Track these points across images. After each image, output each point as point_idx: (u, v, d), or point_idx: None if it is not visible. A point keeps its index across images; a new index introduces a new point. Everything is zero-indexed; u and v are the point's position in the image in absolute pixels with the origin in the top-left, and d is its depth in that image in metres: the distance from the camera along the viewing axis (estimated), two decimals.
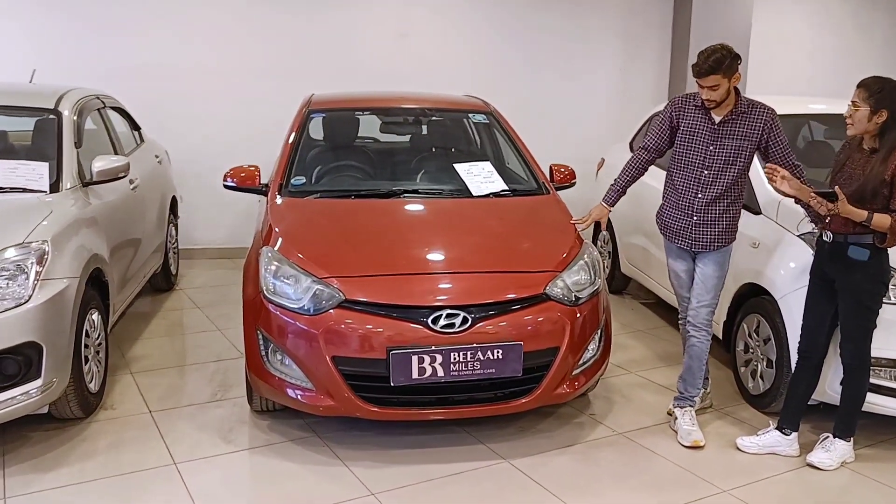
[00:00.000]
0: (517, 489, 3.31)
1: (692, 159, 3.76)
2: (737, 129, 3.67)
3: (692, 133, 3.75)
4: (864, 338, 3.37)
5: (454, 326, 3.36)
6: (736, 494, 3.28)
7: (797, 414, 3.58)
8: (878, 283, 3.34)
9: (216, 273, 6.95)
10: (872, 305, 3.36)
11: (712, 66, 3.50)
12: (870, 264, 3.28)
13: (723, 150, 3.69)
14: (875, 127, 3.23)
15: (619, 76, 8.21)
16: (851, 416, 3.48)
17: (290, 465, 3.47)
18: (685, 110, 3.78)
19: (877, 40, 8.77)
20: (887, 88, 3.21)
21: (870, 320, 3.36)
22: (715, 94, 3.56)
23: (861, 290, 3.34)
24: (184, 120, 6.99)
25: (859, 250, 3.28)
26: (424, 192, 4.32)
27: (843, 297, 3.38)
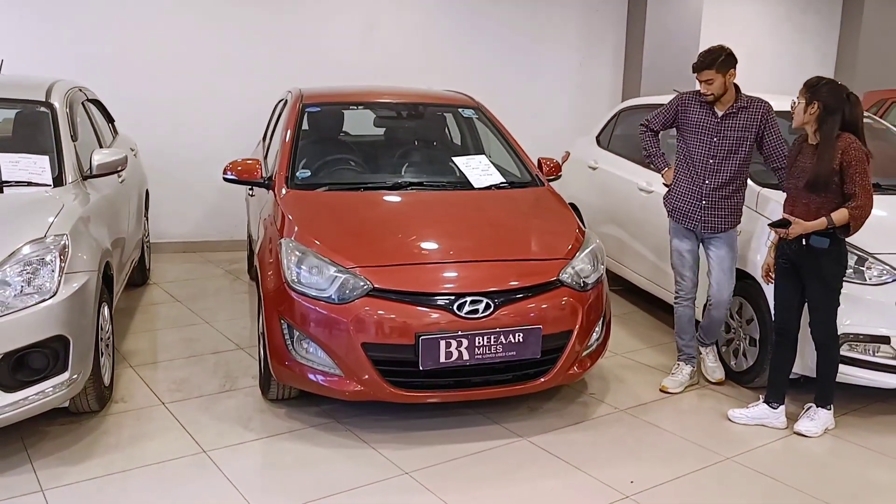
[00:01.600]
0: (540, 463, 3.51)
1: (699, 150, 4.15)
2: (737, 122, 4.06)
3: (697, 126, 4.13)
4: (831, 316, 3.71)
5: (478, 312, 3.53)
6: (738, 461, 3.57)
7: (781, 388, 3.90)
8: (839, 266, 3.69)
9: (186, 267, 6.91)
10: (836, 286, 3.71)
11: (707, 63, 3.97)
12: (830, 251, 3.63)
13: (725, 140, 4.09)
14: (811, 118, 3.60)
15: (577, 71, 8.52)
16: (828, 386, 3.81)
17: (320, 449, 3.58)
18: (691, 106, 4.18)
19: (810, 41, 9.36)
20: (821, 84, 3.61)
21: (835, 300, 3.71)
22: (711, 87, 4.01)
23: (825, 274, 3.68)
24: (149, 113, 6.92)
25: (820, 240, 3.62)
26: (429, 185, 4.48)
27: (809, 282, 3.72)
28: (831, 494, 3.31)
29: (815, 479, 3.44)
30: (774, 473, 3.47)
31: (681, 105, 4.24)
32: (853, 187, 3.52)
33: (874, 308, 3.83)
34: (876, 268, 3.88)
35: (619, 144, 6.32)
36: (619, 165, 6.07)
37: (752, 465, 3.54)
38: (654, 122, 4.41)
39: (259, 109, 7.08)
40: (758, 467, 3.52)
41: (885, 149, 5.23)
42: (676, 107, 4.26)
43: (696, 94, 4.19)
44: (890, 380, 3.89)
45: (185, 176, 7.28)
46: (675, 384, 4.35)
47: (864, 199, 3.52)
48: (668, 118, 4.32)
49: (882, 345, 3.86)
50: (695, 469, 3.48)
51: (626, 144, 6.21)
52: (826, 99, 3.56)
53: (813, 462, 3.62)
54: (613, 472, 3.43)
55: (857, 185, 3.52)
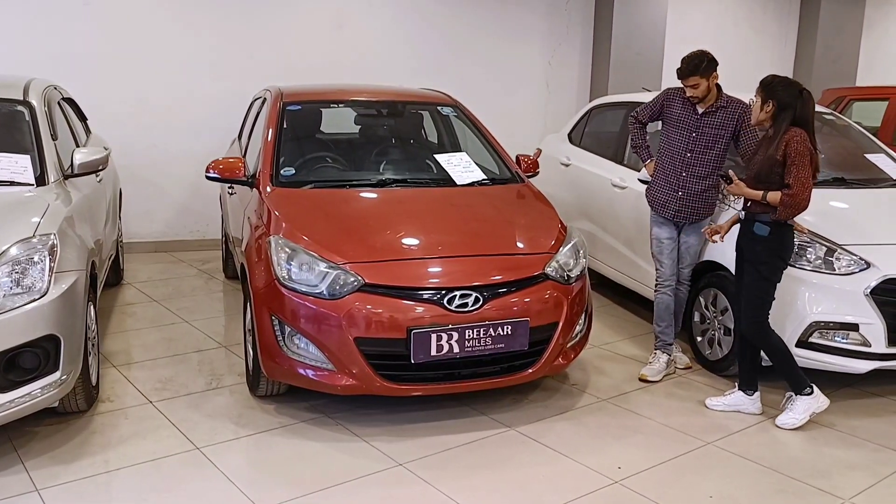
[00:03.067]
0: (530, 452, 3.61)
1: (678, 143, 4.35)
2: (715, 119, 4.26)
3: (678, 121, 4.34)
4: (760, 308, 3.82)
5: (467, 306, 3.61)
6: (718, 445, 3.72)
7: (752, 375, 4.04)
8: (777, 258, 3.80)
9: (158, 267, 6.87)
10: (770, 277, 3.82)
11: (691, 69, 4.16)
12: (770, 239, 3.76)
13: (703, 136, 4.29)
14: (766, 116, 3.76)
15: (546, 70, 8.65)
16: (790, 373, 3.89)
17: (314, 443, 3.63)
18: (674, 102, 4.38)
19: (769, 41, 9.63)
20: (775, 82, 3.76)
21: (767, 292, 3.82)
22: (696, 91, 4.21)
23: (760, 262, 3.80)
24: (117, 112, 6.85)
25: (761, 227, 3.77)
26: (412, 182, 4.54)
27: (746, 268, 3.86)
28: (806, 474, 3.46)
29: (791, 461, 3.59)
30: (752, 456, 3.62)
31: (666, 100, 4.44)
32: (789, 178, 3.64)
33: (843, 297, 4.00)
34: (844, 258, 4.05)
35: (590, 141, 6.46)
36: (591, 162, 6.21)
37: (731, 449, 3.68)
38: (641, 114, 4.61)
39: (229, 108, 7.08)
40: (737, 451, 3.67)
41: (847, 145, 5.46)
42: (662, 101, 4.47)
43: (681, 91, 4.37)
44: (859, 365, 4.07)
45: (154, 175, 7.23)
46: (654, 372, 4.50)
47: (798, 189, 3.61)
48: (654, 111, 4.54)
49: (851, 332, 4.04)
50: (678, 454, 3.61)
51: (598, 141, 6.36)
52: (780, 96, 3.70)
53: (788, 444, 3.78)
54: (601, 459, 3.54)
55: (793, 175, 3.63)
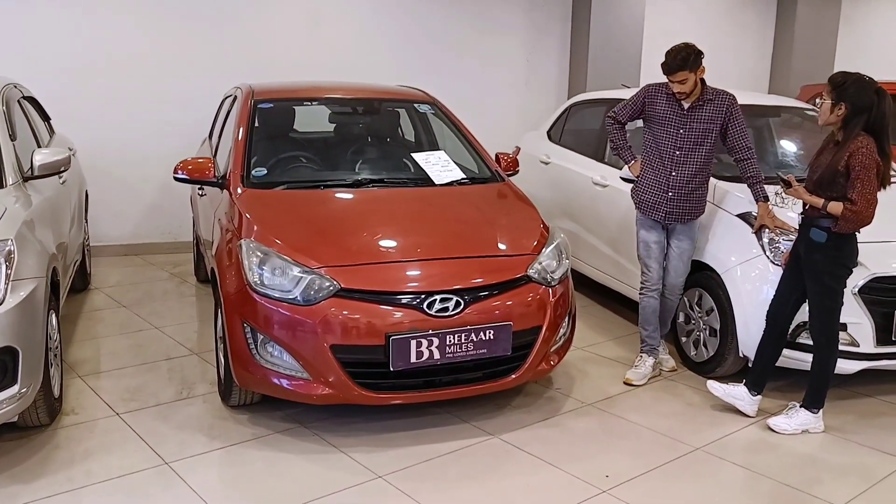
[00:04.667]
0: (514, 461, 3.48)
1: (665, 142, 4.19)
2: (703, 114, 4.11)
3: (664, 118, 4.17)
4: (830, 317, 3.66)
5: (448, 310, 3.47)
6: (707, 451, 3.61)
7: (763, 377, 3.93)
8: (839, 265, 3.60)
9: (128, 270, 6.67)
10: (834, 286, 3.64)
11: (679, 64, 3.96)
12: (828, 246, 3.57)
13: (691, 132, 4.13)
14: (837, 119, 3.53)
15: (524, 67, 8.54)
16: (819, 390, 3.78)
17: (288, 455, 3.48)
18: (657, 98, 4.21)
19: (748, 35, 9.59)
20: (848, 83, 3.50)
21: (832, 300, 3.64)
22: (684, 86, 4.02)
23: (821, 271, 3.63)
24: (84, 112, 6.62)
25: (818, 232, 3.58)
26: (389, 182, 4.40)
27: (807, 276, 3.68)
28: (798, 480, 3.37)
29: (782, 466, 3.50)
30: (743, 461, 3.52)
31: (648, 97, 4.26)
32: (852, 192, 3.46)
33: None
34: None
35: (571, 139, 6.35)
36: (572, 160, 6.10)
37: (721, 455, 3.58)
38: (620, 113, 4.41)
39: (199, 107, 6.89)
40: (727, 456, 3.57)
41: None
42: (643, 99, 4.28)
43: (662, 87, 4.21)
44: (846, 365, 3.98)
45: (122, 176, 7.01)
46: (639, 376, 4.39)
47: (862, 205, 3.44)
48: (635, 110, 4.34)
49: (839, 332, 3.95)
50: (667, 461, 3.51)
51: (578, 139, 6.25)
52: (853, 99, 3.45)
53: (778, 449, 3.68)
54: (588, 467, 3.42)
55: (857, 190, 3.44)
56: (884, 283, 3.94)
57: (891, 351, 3.99)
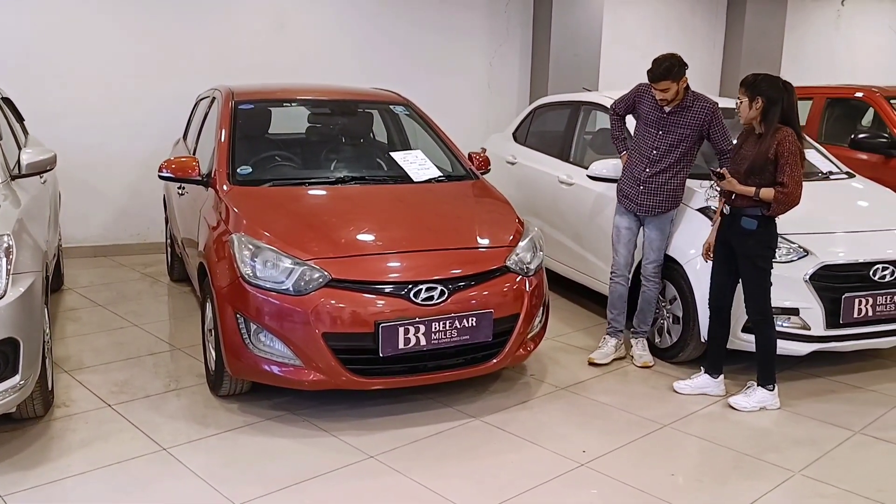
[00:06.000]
0: (497, 440, 3.70)
1: (645, 140, 4.50)
2: (681, 119, 4.41)
3: (646, 118, 4.51)
4: (763, 295, 4.03)
5: (433, 299, 3.67)
6: (675, 427, 3.88)
7: (718, 359, 4.24)
8: (767, 248, 4.00)
9: (99, 271, 6.71)
10: (766, 267, 4.02)
11: (663, 74, 4.28)
12: (759, 232, 3.95)
13: (669, 135, 4.43)
14: (757, 113, 3.91)
15: (487, 71, 8.77)
16: (767, 366, 4.10)
17: (282, 440, 3.63)
18: (645, 98, 4.53)
19: (699, 42, 9.99)
20: (759, 80, 3.92)
21: (764, 279, 4.02)
22: (666, 94, 4.34)
23: (754, 255, 3.99)
24: (52, 113, 6.63)
25: (749, 221, 3.94)
26: (370, 179, 4.58)
27: (741, 262, 4.03)
28: (758, 450, 3.65)
29: (743, 438, 3.77)
30: (708, 436, 3.79)
31: (637, 95, 4.59)
32: (782, 176, 3.81)
33: (784, 283, 4.21)
34: (784, 247, 4.27)
35: (535, 140, 6.60)
36: (537, 160, 6.34)
37: (688, 430, 3.85)
38: (618, 106, 4.77)
39: (168, 109, 6.98)
40: (693, 432, 3.84)
41: None
42: (634, 96, 4.62)
43: (651, 88, 4.45)
44: (799, 348, 4.30)
45: (91, 177, 7.04)
46: (601, 356, 4.69)
47: (793, 187, 3.80)
48: (628, 104, 4.69)
49: (792, 316, 4.26)
50: (638, 437, 3.76)
51: (543, 140, 6.50)
52: (767, 92, 3.85)
53: (739, 424, 3.96)
54: (565, 444, 3.65)
55: (786, 174, 3.80)
56: (832, 270, 4.26)
57: (839, 333, 4.31)
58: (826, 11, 11.23)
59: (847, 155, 6.43)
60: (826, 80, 9.48)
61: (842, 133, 7.20)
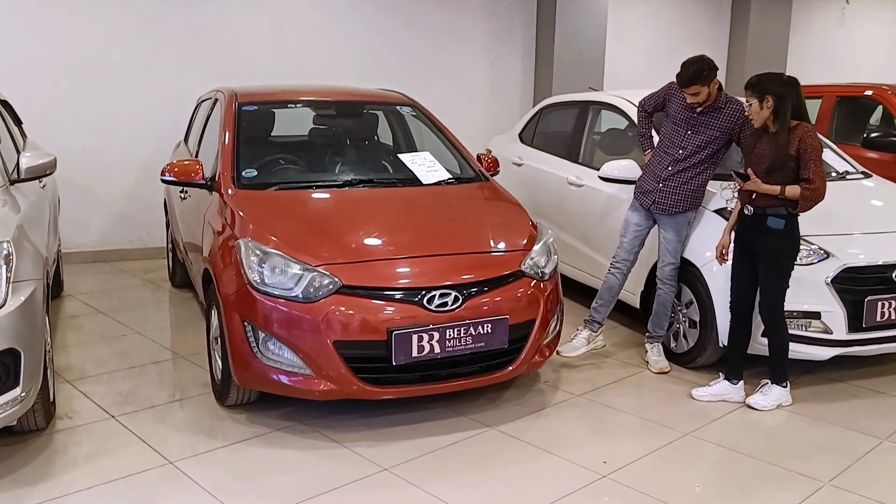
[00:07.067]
0: (513, 450, 3.58)
1: (672, 138, 4.41)
2: (712, 120, 4.30)
3: (676, 117, 4.40)
4: (780, 295, 3.95)
5: (447, 305, 3.56)
6: (697, 435, 3.77)
7: (738, 364, 4.14)
8: (792, 248, 3.93)
9: (100, 277, 6.59)
10: (788, 266, 3.95)
11: (691, 78, 4.17)
12: (785, 231, 3.87)
13: (698, 136, 4.33)
14: (769, 112, 3.84)
15: (490, 71, 8.67)
16: (780, 364, 4.05)
17: (293, 452, 3.51)
18: (675, 97, 4.43)
19: (702, 41, 9.89)
20: (763, 78, 3.86)
21: (784, 280, 3.95)
22: (697, 98, 4.23)
23: (779, 254, 3.92)
24: (49, 116, 6.50)
25: (776, 220, 3.86)
26: (379, 182, 4.47)
27: (764, 261, 3.94)
28: (784, 459, 3.54)
29: (768, 447, 3.67)
30: (731, 444, 3.68)
31: (668, 93, 4.49)
32: (808, 172, 3.75)
33: (804, 286, 4.11)
34: (805, 248, 4.16)
35: (543, 141, 6.50)
36: (545, 161, 6.24)
37: (709, 438, 3.74)
38: (647, 103, 4.66)
39: (166, 113, 6.88)
40: (715, 440, 3.73)
41: None
42: (665, 93, 4.52)
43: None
44: (821, 352, 4.19)
45: (90, 182, 6.92)
46: (569, 349, 4.62)
47: (819, 183, 3.75)
48: (658, 102, 4.58)
49: (813, 320, 4.16)
50: (660, 446, 3.65)
51: (550, 140, 6.39)
52: (774, 89, 3.79)
53: (762, 431, 3.86)
54: (585, 454, 3.54)
55: (811, 170, 3.74)
56: (853, 273, 4.16)
57: (861, 337, 4.20)
58: (831, 10, 11.15)
59: (857, 154, 6.33)
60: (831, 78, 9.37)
61: (851, 131, 7.11)
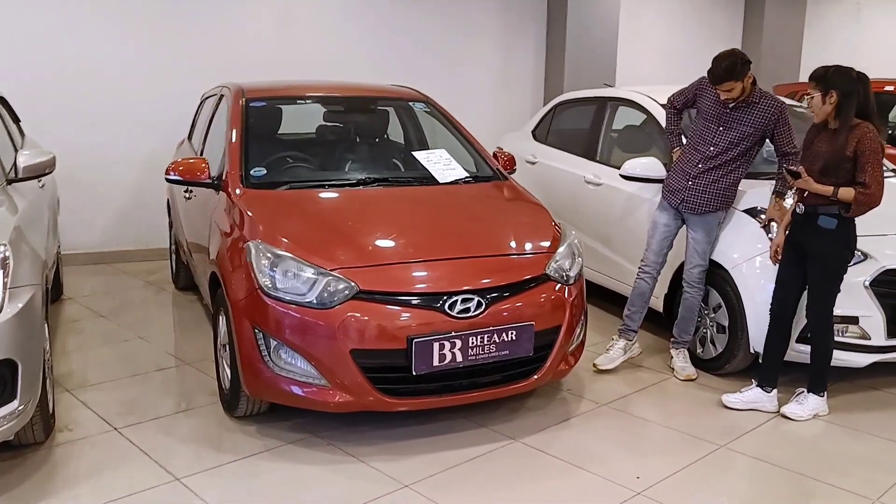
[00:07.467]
0: (540, 465, 3.38)
1: (703, 135, 4.21)
2: (745, 116, 4.11)
3: (707, 112, 4.21)
4: (829, 300, 3.74)
5: (470, 311, 3.36)
6: (732, 448, 3.57)
7: (774, 371, 3.94)
8: (845, 250, 3.71)
9: (101, 279, 6.39)
10: (839, 270, 3.73)
11: (724, 74, 3.98)
12: (837, 232, 3.65)
13: (730, 132, 4.13)
14: (831, 107, 3.62)
15: (499, 67, 8.47)
16: (821, 373, 3.85)
17: (306, 467, 3.32)
18: (706, 92, 4.23)
19: (718, 37, 9.69)
20: (831, 72, 3.63)
21: (835, 284, 3.73)
22: (731, 94, 4.04)
23: (830, 256, 3.71)
24: (49, 113, 6.29)
25: (828, 220, 3.65)
26: (393, 180, 4.27)
27: (813, 263, 3.74)
28: (827, 474, 3.35)
29: (808, 460, 3.47)
30: (769, 457, 3.48)
31: (699, 88, 4.31)
32: (864, 176, 3.53)
33: (844, 289, 3.90)
34: None
35: (558, 138, 6.30)
36: (561, 159, 6.04)
37: (746, 451, 3.54)
38: (676, 100, 4.49)
39: (170, 110, 6.67)
40: (752, 452, 3.53)
41: None
42: (696, 89, 4.34)
43: None
44: (859, 359, 4.00)
45: (90, 181, 6.71)
46: (607, 360, 4.44)
47: (875, 188, 3.53)
48: (688, 98, 4.40)
49: (850, 325, 3.96)
50: (694, 460, 3.45)
51: (566, 138, 6.20)
52: (840, 84, 3.56)
53: (800, 443, 3.67)
54: (616, 469, 3.34)
55: (867, 174, 3.52)
56: (893, 275, 3.96)
57: None
58: (846, 4, 10.93)
59: None
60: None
61: None
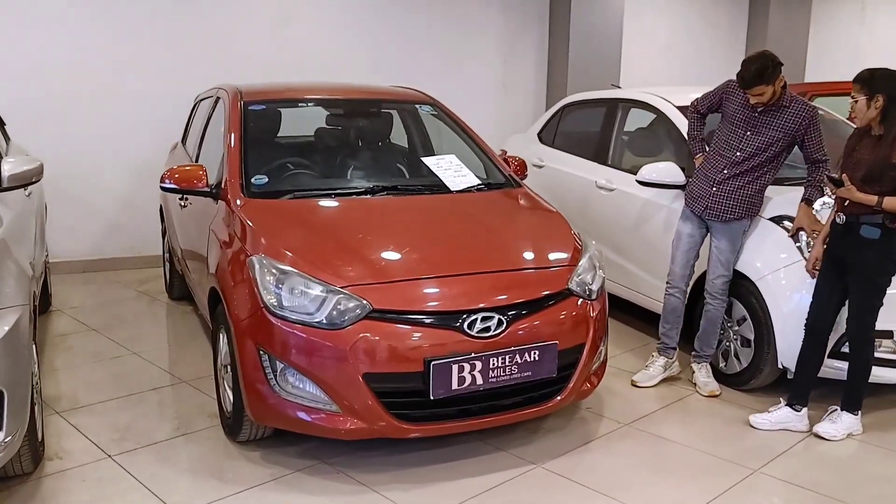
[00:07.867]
0: (566, 493, 3.17)
1: (730, 140, 4.02)
2: (774, 120, 3.91)
3: (734, 116, 4.01)
4: (871, 313, 3.55)
5: (490, 330, 3.14)
6: (766, 472, 3.37)
7: (806, 389, 3.75)
8: (888, 262, 3.52)
9: (91, 289, 6.14)
10: (882, 282, 3.54)
11: (754, 79, 3.78)
12: (881, 242, 3.45)
13: (758, 137, 3.94)
14: (876, 112, 3.42)
15: (501, 69, 8.26)
16: (857, 390, 3.66)
17: (317, 498, 3.09)
18: (733, 95, 4.04)
19: (721, 36, 9.54)
20: (877, 75, 3.44)
21: (878, 297, 3.54)
22: (762, 98, 3.85)
23: (872, 267, 3.51)
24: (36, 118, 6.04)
25: (871, 229, 3.45)
26: (403, 189, 4.05)
27: (854, 275, 3.54)
28: (864, 497, 3.16)
29: (849, 486, 3.27)
30: (807, 483, 3.28)
31: (726, 92, 4.12)
32: None
33: None
34: None
35: (566, 141, 6.10)
36: (570, 163, 5.84)
37: (782, 476, 3.34)
38: (700, 104, 4.29)
39: (163, 113, 6.45)
40: (789, 478, 3.33)
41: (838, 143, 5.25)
42: (722, 92, 4.15)
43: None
44: (892, 375, 3.81)
45: (80, 187, 6.47)
46: (645, 378, 4.27)
47: None
48: (713, 102, 4.21)
49: (885, 339, 3.77)
50: (729, 486, 3.24)
51: (575, 141, 5.99)
52: (887, 88, 3.38)
53: (838, 466, 3.47)
54: (646, 497, 3.14)
55: None
56: None
57: None
58: (851, 4, 10.79)
59: None
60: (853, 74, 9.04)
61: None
